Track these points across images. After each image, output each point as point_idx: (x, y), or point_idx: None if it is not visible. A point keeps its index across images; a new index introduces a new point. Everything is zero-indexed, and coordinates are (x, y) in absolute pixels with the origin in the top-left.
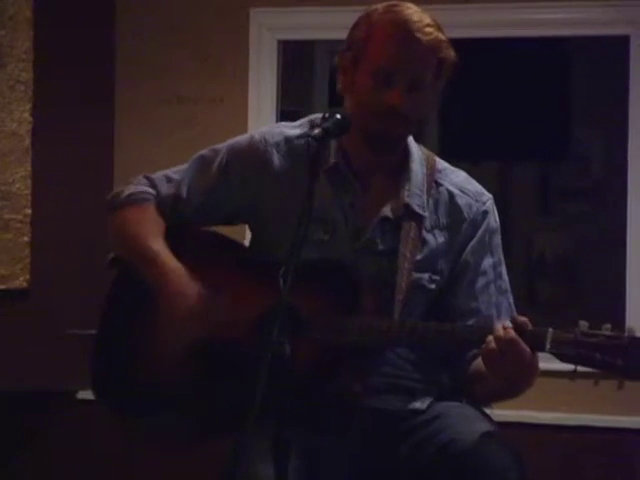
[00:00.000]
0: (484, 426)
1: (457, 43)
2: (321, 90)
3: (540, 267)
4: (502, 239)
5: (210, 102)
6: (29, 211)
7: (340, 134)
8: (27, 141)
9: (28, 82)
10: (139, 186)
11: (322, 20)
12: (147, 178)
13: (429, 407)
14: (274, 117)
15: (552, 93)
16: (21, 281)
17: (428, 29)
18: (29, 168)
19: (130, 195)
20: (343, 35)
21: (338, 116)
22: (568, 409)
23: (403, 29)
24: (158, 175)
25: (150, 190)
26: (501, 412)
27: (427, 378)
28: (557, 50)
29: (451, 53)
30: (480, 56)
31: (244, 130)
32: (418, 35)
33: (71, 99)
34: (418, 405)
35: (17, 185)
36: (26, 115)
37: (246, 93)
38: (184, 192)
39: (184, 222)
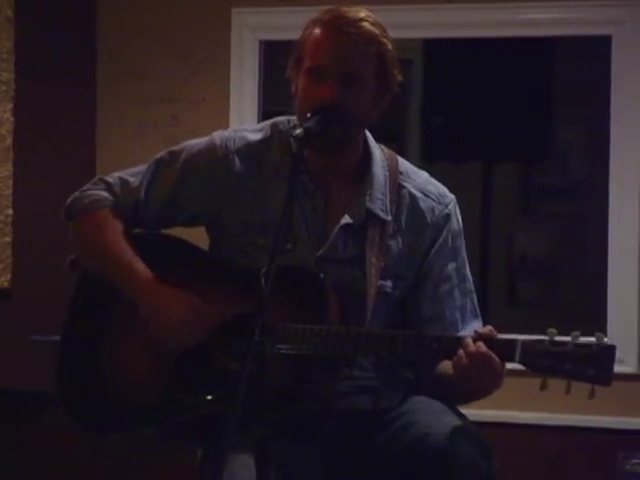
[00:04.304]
0: (453, 419)
1: (440, 43)
2: None
3: (521, 266)
4: (484, 238)
5: (192, 102)
6: (11, 211)
7: (323, 133)
8: (9, 141)
9: (9, 82)
10: (97, 192)
11: (304, 20)
12: (105, 182)
13: (399, 404)
14: (255, 117)
15: (534, 93)
16: (2, 281)
17: (360, 23)
18: (11, 168)
19: (91, 203)
20: None
21: (318, 116)
22: (553, 409)
23: (333, 25)
24: (115, 178)
25: (109, 197)
26: (488, 412)
27: (392, 377)
28: (539, 50)
29: (388, 48)
30: (462, 56)
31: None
32: (347, 29)
33: (53, 99)
34: (387, 403)
35: None
36: (7, 115)
37: (228, 93)
38: (143, 197)
39: (144, 226)
